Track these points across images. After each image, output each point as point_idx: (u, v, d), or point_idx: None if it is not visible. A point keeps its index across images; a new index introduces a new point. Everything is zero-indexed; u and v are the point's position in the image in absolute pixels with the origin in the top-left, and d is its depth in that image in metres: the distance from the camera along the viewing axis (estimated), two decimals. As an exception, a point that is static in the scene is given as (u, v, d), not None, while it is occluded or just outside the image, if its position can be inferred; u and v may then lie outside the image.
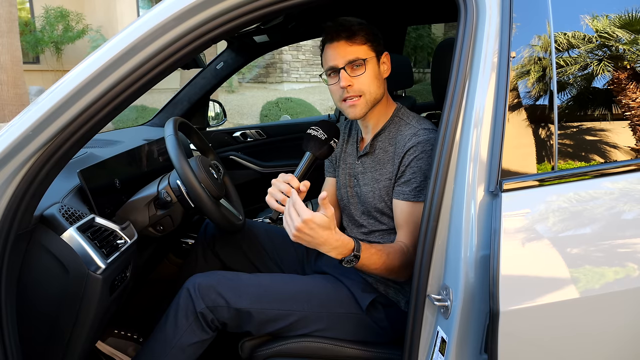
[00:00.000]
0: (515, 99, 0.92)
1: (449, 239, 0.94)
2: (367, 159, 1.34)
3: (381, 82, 1.28)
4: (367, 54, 1.23)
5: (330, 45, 1.24)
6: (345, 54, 1.22)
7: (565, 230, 0.89)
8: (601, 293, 0.88)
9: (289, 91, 10.50)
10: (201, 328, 1.22)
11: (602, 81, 0.96)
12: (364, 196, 1.33)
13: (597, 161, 0.93)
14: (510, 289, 0.84)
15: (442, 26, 11.46)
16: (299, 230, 1.01)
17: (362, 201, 1.35)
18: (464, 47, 0.95)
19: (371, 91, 1.25)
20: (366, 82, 1.23)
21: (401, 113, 1.33)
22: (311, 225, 1.01)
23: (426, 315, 0.98)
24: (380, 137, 1.32)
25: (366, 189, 1.32)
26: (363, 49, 1.23)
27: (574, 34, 0.95)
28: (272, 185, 1.16)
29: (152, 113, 2.35)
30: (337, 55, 1.22)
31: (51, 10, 9.21)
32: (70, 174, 1.28)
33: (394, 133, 1.30)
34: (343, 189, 1.43)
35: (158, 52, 0.93)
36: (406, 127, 1.28)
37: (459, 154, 0.93)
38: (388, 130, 1.31)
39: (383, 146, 1.31)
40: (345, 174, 1.42)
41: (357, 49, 1.22)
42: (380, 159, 1.30)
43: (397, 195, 1.25)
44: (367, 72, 1.23)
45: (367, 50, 1.23)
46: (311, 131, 1.23)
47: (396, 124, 1.31)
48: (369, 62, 1.23)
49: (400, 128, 1.29)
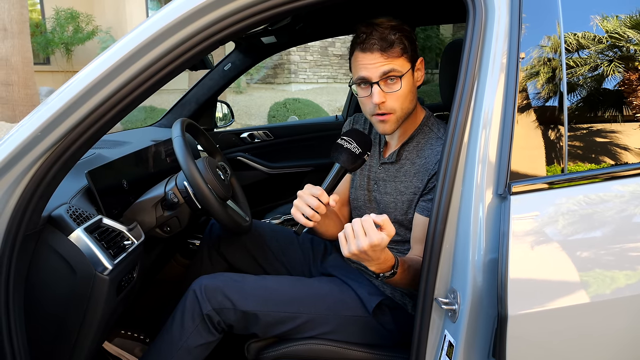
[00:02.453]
0: (525, 100, 0.91)
1: (457, 241, 0.93)
2: (391, 167, 1.28)
3: (414, 94, 1.20)
4: (404, 66, 1.13)
5: (363, 54, 1.13)
6: (380, 66, 1.11)
7: (575, 234, 0.88)
8: (612, 298, 0.86)
9: (296, 92, 10.51)
10: (207, 330, 1.22)
11: (613, 82, 0.95)
12: (385, 205, 1.28)
13: (608, 163, 0.92)
14: (519, 293, 0.83)
15: (451, 27, 11.41)
16: (360, 252, 0.94)
17: (381, 209, 1.30)
18: (472, 47, 0.94)
19: (403, 107, 1.17)
20: (400, 99, 1.15)
21: (430, 122, 1.26)
22: (376, 249, 0.94)
23: (433, 319, 0.97)
24: (407, 147, 1.25)
25: (388, 199, 1.27)
26: (399, 62, 1.13)
27: (584, 35, 0.94)
28: (299, 198, 1.07)
29: (161, 114, 2.36)
30: (371, 67, 1.12)
31: (61, 12, 9.30)
32: (78, 175, 1.29)
33: (423, 144, 1.24)
34: (360, 191, 1.37)
35: (166, 54, 0.93)
36: (438, 141, 1.21)
37: (467, 155, 0.92)
38: (416, 141, 1.25)
39: (410, 157, 1.24)
40: (364, 176, 1.36)
41: (393, 62, 1.12)
42: (407, 170, 1.24)
43: (421, 211, 1.20)
44: (403, 88, 1.14)
45: (403, 63, 1.13)
46: (343, 143, 1.11)
47: (425, 134, 1.25)
48: (406, 76, 1.14)
49: (430, 140, 1.23)
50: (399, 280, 1.09)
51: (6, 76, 7.28)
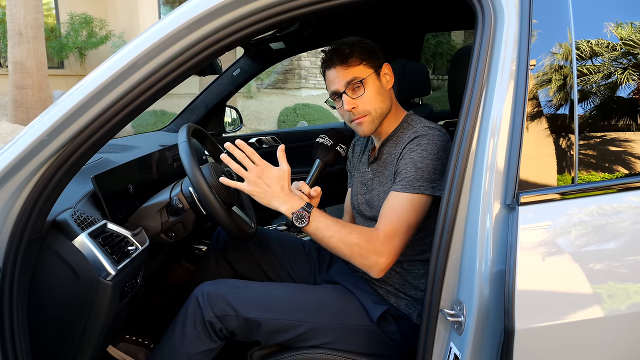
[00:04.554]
0: (534, 108, 0.89)
1: (464, 252, 0.91)
2: (375, 165, 1.36)
3: (386, 95, 1.29)
4: (365, 72, 1.24)
5: (328, 72, 1.27)
6: (343, 77, 1.23)
7: (585, 246, 0.85)
8: (627, 312, 0.83)
9: (306, 97, 10.53)
10: (209, 337, 1.21)
11: (627, 90, 0.92)
12: (372, 201, 1.34)
13: (620, 173, 0.89)
14: (527, 307, 0.81)
15: (462, 33, 11.37)
16: (256, 177, 1.12)
17: (370, 206, 1.35)
18: (481, 54, 0.92)
19: (376, 107, 1.26)
20: (369, 101, 1.25)
21: (410, 119, 1.33)
22: (267, 174, 1.12)
23: (439, 330, 0.95)
24: (388, 143, 1.33)
25: (374, 194, 1.33)
26: (359, 69, 1.24)
27: (597, 42, 0.91)
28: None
29: (172, 117, 2.38)
30: (336, 79, 1.24)
31: (76, 17, 9.44)
32: (84, 179, 1.29)
33: (400, 137, 1.30)
34: (354, 197, 1.44)
35: (173, 59, 0.93)
36: (410, 129, 1.28)
37: (474, 164, 0.91)
38: (396, 136, 1.32)
39: (389, 150, 1.32)
40: (358, 182, 1.43)
41: (353, 70, 1.23)
42: (385, 162, 1.32)
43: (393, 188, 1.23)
44: (368, 91, 1.24)
45: (363, 69, 1.24)
46: (319, 139, 1.29)
47: (404, 129, 1.31)
48: (368, 80, 1.24)
49: (407, 133, 1.29)
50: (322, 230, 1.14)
51: (21, 80, 7.39)
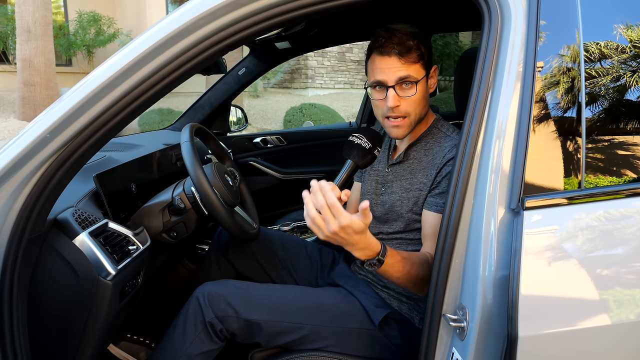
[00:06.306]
0: (541, 111, 0.88)
1: (467, 256, 0.89)
2: (398, 167, 1.30)
3: (427, 100, 1.22)
4: (420, 73, 1.16)
5: (381, 58, 1.15)
6: (397, 70, 1.14)
7: (591, 252, 0.83)
8: (634, 320, 0.82)
9: (313, 97, 10.52)
10: (210, 338, 1.20)
11: (636, 93, 0.91)
12: (391, 204, 1.28)
13: (628, 177, 0.88)
14: (531, 313, 0.79)
15: (470, 34, 11.31)
16: (334, 234, 0.94)
17: (387, 209, 1.30)
18: (487, 55, 0.91)
19: (417, 111, 1.20)
20: (414, 104, 1.18)
21: (439, 124, 1.28)
22: (348, 230, 0.93)
23: (441, 335, 0.94)
24: (415, 147, 1.27)
25: (394, 197, 1.28)
26: (415, 68, 1.15)
27: (606, 44, 0.90)
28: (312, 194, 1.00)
29: (178, 116, 2.38)
30: (388, 71, 1.14)
31: (84, 15, 9.49)
32: (87, 178, 1.29)
33: (431, 144, 1.25)
34: (367, 195, 1.38)
35: (177, 57, 0.92)
36: (446, 139, 1.23)
37: (479, 167, 0.89)
38: (425, 141, 1.26)
39: (418, 156, 1.26)
40: (372, 181, 1.37)
41: (410, 68, 1.14)
42: (414, 168, 1.26)
43: (429, 207, 1.19)
44: (417, 94, 1.17)
45: (419, 70, 1.16)
46: (354, 139, 1.13)
47: (434, 135, 1.26)
48: (420, 82, 1.17)
49: (438, 139, 1.24)
50: (391, 272, 1.04)
51: (29, 77, 7.45)
